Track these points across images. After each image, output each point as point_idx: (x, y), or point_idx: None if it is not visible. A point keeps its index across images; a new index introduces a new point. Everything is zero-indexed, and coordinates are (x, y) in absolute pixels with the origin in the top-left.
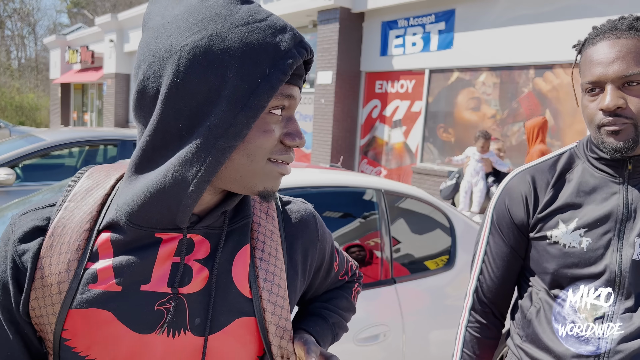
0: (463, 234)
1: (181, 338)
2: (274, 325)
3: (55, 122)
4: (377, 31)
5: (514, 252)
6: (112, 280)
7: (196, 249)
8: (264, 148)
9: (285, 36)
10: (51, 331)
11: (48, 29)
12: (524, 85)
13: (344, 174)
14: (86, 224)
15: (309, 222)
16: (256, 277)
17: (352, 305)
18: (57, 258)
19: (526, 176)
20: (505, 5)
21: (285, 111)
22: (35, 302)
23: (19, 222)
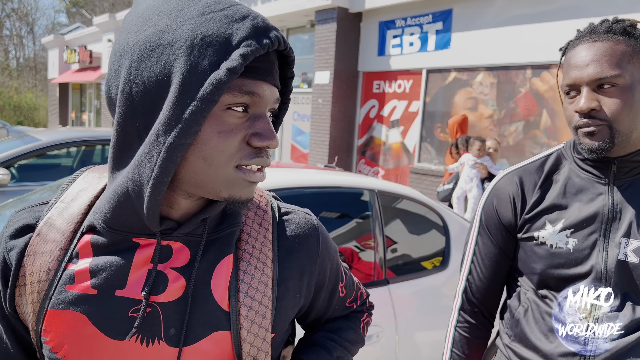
0: (457, 234)
1: (155, 347)
2: (248, 344)
3: (54, 122)
4: (374, 31)
5: (502, 253)
6: (87, 283)
7: (174, 256)
8: (223, 151)
9: (244, 25)
10: (32, 329)
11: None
12: (521, 86)
13: (337, 174)
14: (71, 225)
15: (309, 236)
16: (237, 290)
17: (361, 337)
18: (40, 257)
19: (514, 177)
20: (502, 5)
21: (252, 109)
22: (19, 298)
23: (13, 219)
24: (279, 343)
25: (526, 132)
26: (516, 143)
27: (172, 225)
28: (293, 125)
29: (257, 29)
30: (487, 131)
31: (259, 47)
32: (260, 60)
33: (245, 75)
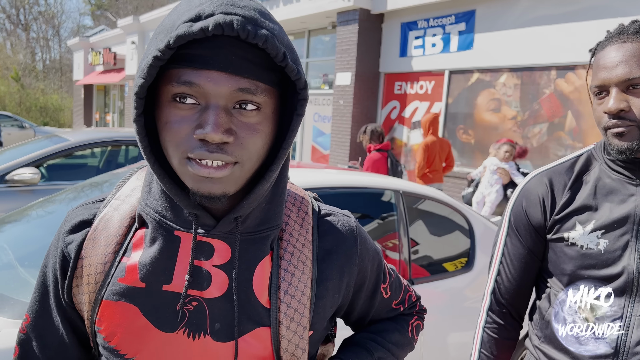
0: (482, 235)
1: (201, 341)
2: (286, 340)
3: (78, 123)
4: (396, 32)
5: (531, 254)
6: (137, 277)
7: (216, 254)
8: (170, 141)
9: (190, 12)
10: (87, 318)
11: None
12: (546, 87)
13: (362, 174)
14: (126, 221)
15: (347, 237)
16: (278, 288)
17: (408, 340)
18: (97, 250)
19: (543, 178)
20: (526, 5)
21: (201, 100)
22: (76, 289)
23: (71, 215)
24: (317, 340)
25: (550, 133)
26: (540, 145)
27: (211, 223)
28: (314, 127)
29: (201, 15)
30: (510, 133)
31: (189, 31)
32: (206, 48)
33: (186, 65)
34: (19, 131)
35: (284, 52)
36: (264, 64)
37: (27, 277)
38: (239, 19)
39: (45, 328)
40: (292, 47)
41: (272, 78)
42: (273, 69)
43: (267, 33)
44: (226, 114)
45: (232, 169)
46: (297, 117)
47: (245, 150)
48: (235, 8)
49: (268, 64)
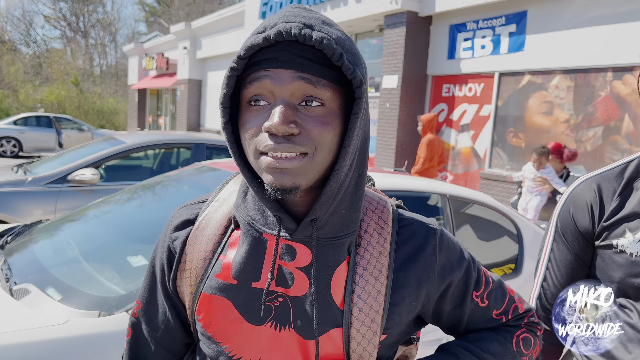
0: (531, 241)
1: (286, 333)
2: (355, 342)
3: (132, 126)
4: (444, 34)
5: (578, 260)
6: (230, 274)
7: (298, 256)
8: (247, 140)
9: (257, 29)
10: (188, 307)
11: (127, 38)
12: (601, 89)
13: (409, 178)
14: (224, 222)
15: (426, 247)
16: (352, 292)
17: (511, 352)
18: (199, 247)
19: (592, 184)
20: (580, 5)
21: (270, 99)
22: (180, 281)
23: (176, 214)
24: (392, 343)
25: (606, 137)
26: (594, 149)
27: (293, 227)
28: None
29: (266, 27)
30: (562, 136)
31: (255, 41)
32: (271, 52)
33: (256, 68)
34: (78, 133)
35: (341, 53)
36: (325, 63)
37: (91, 271)
38: (297, 25)
39: (154, 313)
40: (355, 51)
41: (334, 76)
42: (335, 69)
43: (324, 35)
44: (292, 109)
45: (302, 160)
46: (353, 116)
47: (313, 141)
48: (296, 17)
49: (329, 64)
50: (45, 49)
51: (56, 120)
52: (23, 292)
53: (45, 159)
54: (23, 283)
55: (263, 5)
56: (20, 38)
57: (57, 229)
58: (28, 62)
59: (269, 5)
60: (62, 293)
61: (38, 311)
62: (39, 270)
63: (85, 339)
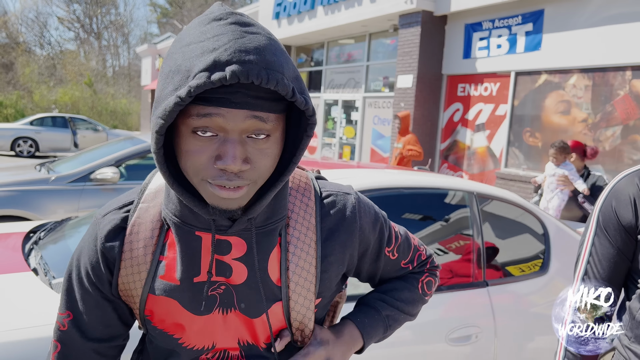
0: (557, 239)
1: (232, 315)
2: (295, 311)
3: (145, 126)
4: (460, 34)
5: (620, 254)
6: (173, 274)
7: (233, 249)
8: (191, 167)
9: (207, 58)
10: (137, 309)
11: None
12: (620, 88)
13: (435, 176)
14: (157, 223)
15: (347, 215)
16: (287, 269)
17: (418, 296)
18: (137, 252)
19: (634, 178)
20: (598, 3)
21: (221, 133)
22: (122, 285)
23: (102, 222)
24: (326, 304)
25: (625, 136)
26: (613, 148)
27: (226, 224)
28: (373, 129)
29: (217, 63)
30: (580, 136)
31: (208, 81)
32: (223, 91)
33: (206, 102)
34: (93, 134)
35: (293, 88)
36: (273, 97)
37: None
38: (254, 68)
39: (88, 322)
40: (297, 75)
41: (281, 107)
42: (281, 99)
43: (279, 76)
44: (242, 145)
45: (247, 188)
46: (306, 138)
47: (258, 172)
48: (249, 55)
49: (277, 96)
50: (59, 50)
51: (72, 120)
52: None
53: (67, 158)
54: (61, 277)
55: (277, 5)
56: (34, 40)
57: (87, 225)
58: (42, 64)
59: (283, 6)
60: None
61: None
62: None
63: None
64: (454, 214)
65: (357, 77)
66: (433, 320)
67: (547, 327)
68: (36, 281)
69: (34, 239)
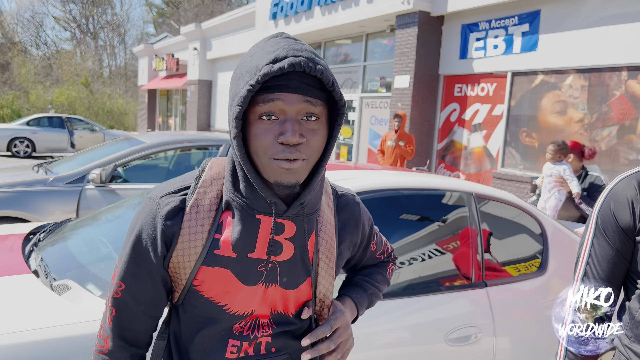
0: (555, 239)
1: (272, 289)
2: (322, 285)
3: (142, 126)
4: (456, 34)
5: (619, 255)
6: (229, 249)
7: (286, 230)
8: (259, 147)
9: (269, 56)
10: (185, 279)
11: (136, 39)
12: (616, 88)
13: (434, 177)
14: (214, 205)
15: (355, 210)
16: (318, 250)
17: (387, 279)
18: (194, 229)
19: (632, 181)
20: (595, 4)
21: (280, 115)
22: (175, 258)
23: (161, 203)
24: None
25: (620, 137)
26: (609, 148)
27: (283, 208)
28: (370, 129)
29: (277, 58)
30: (577, 136)
31: (271, 70)
32: (282, 79)
33: (270, 91)
34: (90, 134)
35: (333, 81)
36: (320, 87)
37: None
38: (304, 60)
39: (140, 290)
40: (334, 77)
41: (323, 96)
42: (323, 90)
43: (322, 68)
44: (298, 123)
45: (302, 163)
46: (337, 127)
47: (311, 148)
48: (300, 52)
49: (321, 87)
50: (55, 50)
51: (68, 120)
52: (64, 288)
53: (65, 159)
54: (62, 279)
55: (274, 6)
56: (30, 40)
57: (87, 227)
58: (39, 64)
59: (280, 6)
60: (101, 289)
61: (82, 306)
62: (76, 266)
63: None
64: (453, 215)
65: (354, 77)
66: (432, 321)
67: (546, 326)
68: (37, 283)
69: (33, 240)
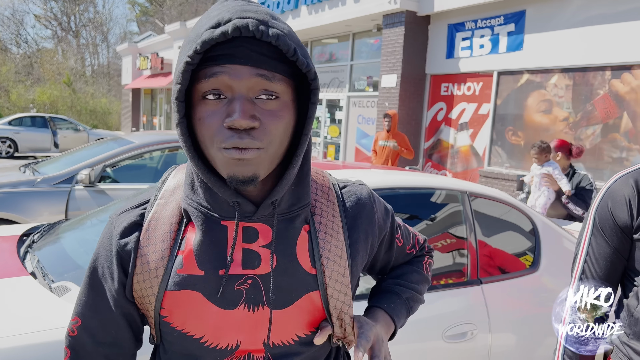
0: (546, 236)
1: (260, 312)
2: (334, 299)
3: (126, 126)
4: (443, 34)
5: (617, 253)
6: (195, 265)
7: (260, 236)
8: (205, 135)
9: (211, 21)
10: (152, 309)
11: (119, 37)
12: (600, 87)
13: (428, 176)
14: (175, 218)
15: (365, 203)
16: (320, 256)
17: (425, 277)
18: (153, 247)
19: (629, 179)
20: (579, 5)
21: (227, 93)
22: (137, 285)
23: (118, 220)
24: (353, 295)
25: (605, 135)
26: (593, 147)
27: (251, 209)
28: (357, 129)
29: (220, 22)
30: (562, 134)
31: (211, 36)
32: (228, 48)
33: (212, 64)
34: (74, 134)
35: (294, 48)
36: (278, 58)
37: None
38: (254, 22)
39: (99, 327)
40: (302, 45)
41: (286, 70)
42: (287, 63)
43: (279, 32)
44: (250, 103)
45: (258, 152)
46: (311, 106)
47: (269, 135)
48: (249, 13)
49: (282, 58)
50: (36, 48)
51: (51, 120)
52: (63, 290)
53: (52, 159)
54: (60, 281)
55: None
56: (10, 38)
57: (82, 228)
58: (19, 62)
59: (266, 5)
60: None
61: None
62: (74, 268)
63: None
64: (448, 213)
65: (341, 76)
66: (429, 318)
67: (540, 322)
68: (36, 285)
69: (28, 242)
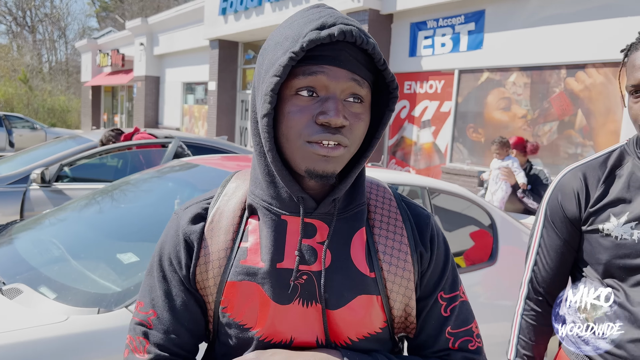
0: (504, 230)
1: (313, 308)
2: (398, 302)
3: (86, 124)
4: (405, 32)
5: (567, 245)
6: (257, 258)
7: (318, 232)
8: (292, 128)
9: (315, 23)
10: (212, 300)
11: (77, 33)
12: (556, 85)
13: (388, 172)
14: (238, 212)
15: (429, 223)
16: (376, 251)
17: None
18: (217, 239)
19: (577, 173)
20: (536, 5)
21: (321, 92)
22: (199, 275)
23: (183, 213)
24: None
25: (561, 132)
26: (550, 143)
27: (312, 205)
28: None
29: (325, 24)
30: (520, 131)
31: (318, 36)
32: (329, 50)
33: (313, 62)
34: (30, 132)
35: (384, 59)
36: (368, 66)
37: (82, 269)
38: (356, 29)
39: (172, 318)
40: None
41: (370, 78)
42: (371, 71)
43: (374, 42)
44: (342, 104)
45: (342, 150)
46: (388, 112)
47: (353, 135)
48: (349, 20)
49: (369, 66)
50: None
51: (6, 118)
52: (15, 292)
53: (6, 158)
54: (12, 283)
55: (223, 1)
56: None
57: (37, 228)
58: None
59: (229, 2)
60: (56, 291)
61: (36, 310)
62: (27, 269)
63: (87, 336)
64: None
65: None
66: None
67: (498, 314)
68: None
69: None
